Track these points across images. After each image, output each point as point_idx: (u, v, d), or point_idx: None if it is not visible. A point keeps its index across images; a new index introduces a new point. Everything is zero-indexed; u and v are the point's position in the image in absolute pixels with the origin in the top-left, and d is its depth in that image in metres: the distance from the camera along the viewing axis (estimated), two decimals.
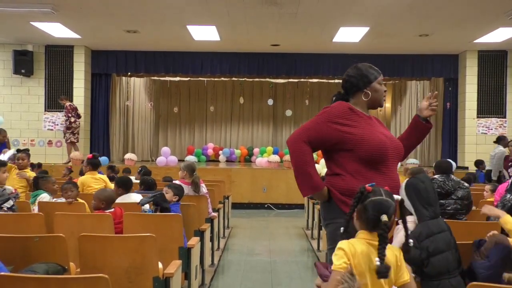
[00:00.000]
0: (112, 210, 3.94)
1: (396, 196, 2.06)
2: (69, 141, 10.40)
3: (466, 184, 4.24)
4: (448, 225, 2.52)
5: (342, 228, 2.09)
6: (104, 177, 6.12)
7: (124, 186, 4.71)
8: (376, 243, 1.94)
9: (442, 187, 4.05)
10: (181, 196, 4.41)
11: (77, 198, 4.48)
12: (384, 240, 1.92)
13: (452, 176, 4.24)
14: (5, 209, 4.05)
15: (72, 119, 10.37)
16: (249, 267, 5.60)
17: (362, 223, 2.02)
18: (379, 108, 2.77)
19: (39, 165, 8.36)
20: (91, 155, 6.48)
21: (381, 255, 1.89)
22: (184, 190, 4.54)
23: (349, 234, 2.06)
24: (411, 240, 2.04)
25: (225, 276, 5.25)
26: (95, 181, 5.83)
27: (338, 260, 1.96)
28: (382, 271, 1.87)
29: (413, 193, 2.56)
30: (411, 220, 2.49)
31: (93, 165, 6.03)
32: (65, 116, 10.45)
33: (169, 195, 4.28)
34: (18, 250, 2.77)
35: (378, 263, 1.88)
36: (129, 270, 2.86)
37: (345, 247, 1.97)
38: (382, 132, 2.55)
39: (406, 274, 2.01)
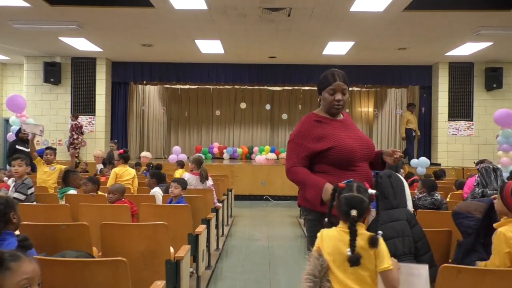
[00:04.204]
0: (123, 200, 3.96)
1: (370, 191, 2.03)
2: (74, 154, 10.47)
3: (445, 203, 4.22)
4: (411, 216, 2.44)
5: (326, 219, 2.08)
6: (133, 170, 5.99)
7: (157, 178, 5.04)
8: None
9: (434, 203, 4.06)
10: (185, 189, 4.42)
11: (97, 192, 4.49)
12: (353, 232, 1.90)
13: (437, 194, 4.21)
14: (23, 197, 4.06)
15: (75, 136, 10.36)
16: (250, 251, 5.60)
17: (339, 215, 2.03)
18: (363, 113, 2.71)
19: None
20: (122, 150, 6.34)
21: (352, 246, 1.89)
22: (186, 182, 4.55)
23: (332, 224, 2.06)
24: (380, 232, 2.00)
25: (229, 259, 5.24)
26: (127, 173, 5.77)
27: (314, 245, 2.04)
28: (353, 260, 1.88)
29: (375, 187, 2.57)
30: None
31: (125, 158, 5.94)
32: (70, 133, 10.43)
33: (178, 190, 4.27)
34: (48, 237, 2.76)
35: (349, 253, 1.88)
36: (144, 254, 2.85)
37: (319, 234, 2.03)
38: (349, 136, 2.44)
39: (387, 262, 1.93)
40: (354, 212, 1.92)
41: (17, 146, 8.06)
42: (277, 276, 4.49)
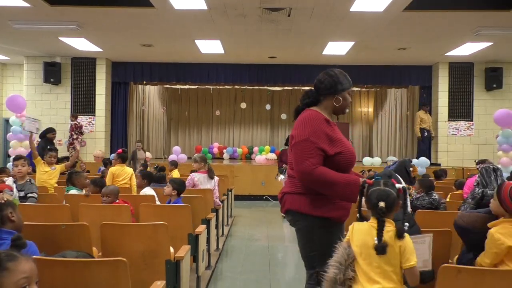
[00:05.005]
0: (117, 201, 3.95)
1: (397, 185, 2.10)
2: (71, 154, 10.42)
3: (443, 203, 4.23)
4: (409, 216, 2.49)
5: (358, 215, 2.18)
6: (130, 169, 5.96)
7: (148, 178, 5.03)
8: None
9: (432, 203, 4.08)
10: (182, 190, 4.37)
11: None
12: (381, 223, 1.98)
13: (434, 194, 4.23)
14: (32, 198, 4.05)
15: (75, 136, 10.34)
16: (250, 251, 5.60)
17: (369, 210, 2.10)
18: (362, 113, 2.73)
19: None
20: (120, 150, 6.31)
21: (379, 235, 1.97)
22: (181, 183, 4.49)
23: (364, 219, 2.15)
24: (406, 224, 2.05)
25: (229, 259, 5.24)
26: (124, 172, 5.75)
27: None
28: (379, 249, 1.96)
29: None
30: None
31: (123, 158, 5.92)
32: (69, 133, 10.39)
33: (168, 189, 4.28)
34: (48, 237, 2.76)
35: (376, 241, 1.97)
36: (144, 254, 2.85)
37: (350, 226, 2.13)
38: (346, 140, 2.44)
39: (413, 259, 1.98)
40: (382, 204, 2.01)
41: (48, 147, 7.96)
42: (277, 276, 4.49)
